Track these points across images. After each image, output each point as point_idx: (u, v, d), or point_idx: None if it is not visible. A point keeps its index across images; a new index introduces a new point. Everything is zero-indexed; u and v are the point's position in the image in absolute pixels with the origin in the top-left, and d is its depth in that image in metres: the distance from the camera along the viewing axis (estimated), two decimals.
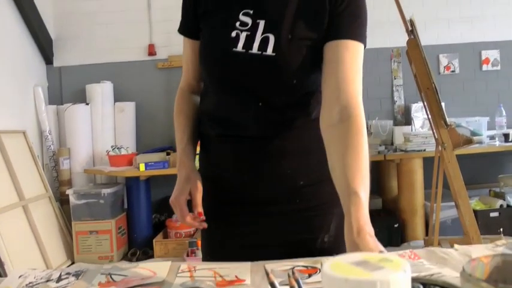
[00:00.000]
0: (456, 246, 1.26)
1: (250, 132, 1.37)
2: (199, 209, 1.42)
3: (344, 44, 1.28)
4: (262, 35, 1.31)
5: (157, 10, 5.27)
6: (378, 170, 4.82)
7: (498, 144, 4.49)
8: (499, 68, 5.27)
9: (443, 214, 4.27)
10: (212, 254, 1.51)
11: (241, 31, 1.31)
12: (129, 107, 5.15)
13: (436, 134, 3.60)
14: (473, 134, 4.46)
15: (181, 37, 1.51)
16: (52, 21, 5.30)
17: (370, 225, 1.06)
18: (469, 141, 3.42)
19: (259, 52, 1.30)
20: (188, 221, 1.42)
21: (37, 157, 4.65)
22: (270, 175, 1.39)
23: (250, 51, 1.30)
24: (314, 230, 1.42)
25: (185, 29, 1.48)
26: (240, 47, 1.31)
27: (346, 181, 1.12)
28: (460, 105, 5.18)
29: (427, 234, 4.31)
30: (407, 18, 3.70)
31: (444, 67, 5.24)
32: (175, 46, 5.10)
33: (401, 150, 4.49)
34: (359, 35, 1.30)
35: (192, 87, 1.54)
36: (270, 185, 1.40)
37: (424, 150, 4.36)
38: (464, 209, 3.51)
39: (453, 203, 3.89)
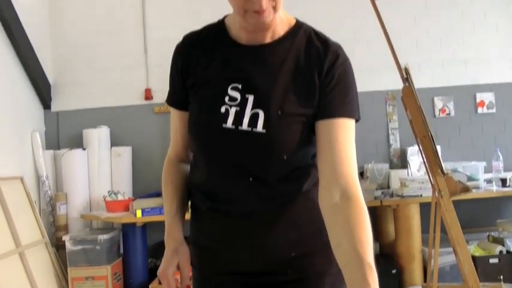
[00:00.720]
0: None
1: (241, 207, 1.38)
2: (188, 282, 1.43)
3: (337, 122, 1.30)
4: (251, 110, 1.31)
5: (153, 54, 5.31)
6: (374, 214, 4.79)
7: (495, 189, 4.48)
8: (494, 110, 5.29)
9: (441, 260, 4.24)
10: None
11: (231, 106, 1.32)
12: (126, 152, 5.15)
13: (432, 181, 3.60)
14: (470, 179, 4.46)
15: None
16: (50, 66, 5.34)
17: None
18: (466, 189, 3.42)
19: (249, 129, 1.30)
20: None
21: (34, 202, 4.64)
22: (261, 247, 1.39)
23: (240, 127, 1.31)
24: None
25: (173, 100, 1.49)
26: (229, 123, 1.31)
27: (358, 255, 1.15)
28: (456, 149, 5.19)
29: (425, 280, 4.27)
30: (402, 65, 3.73)
31: (439, 110, 5.27)
32: None
33: (398, 196, 4.49)
34: (351, 111, 1.32)
35: (180, 157, 1.56)
36: (261, 256, 1.40)
37: (421, 195, 4.35)
38: (463, 256, 3.49)
39: (451, 249, 3.87)
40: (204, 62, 1.39)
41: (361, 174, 4.84)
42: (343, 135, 1.29)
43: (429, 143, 3.46)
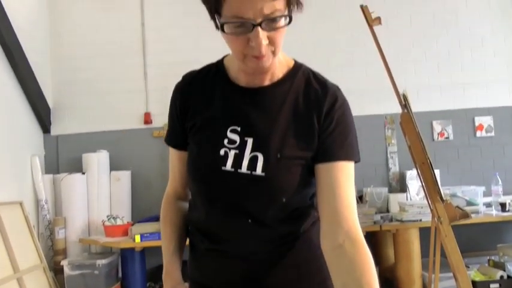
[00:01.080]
0: None
1: (240, 248, 1.38)
2: None
3: (337, 166, 1.30)
4: (250, 153, 1.31)
5: (153, 79, 5.35)
6: (373, 238, 4.78)
7: (495, 214, 4.48)
8: (493, 134, 5.32)
9: (441, 285, 4.21)
10: None
11: (230, 149, 1.32)
12: (125, 176, 5.15)
13: (431, 207, 3.60)
14: (469, 203, 4.46)
15: None
16: (51, 91, 5.37)
17: None
18: (465, 216, 3.41)
19: (249, 172, 1.31)
20: None
21: (33, 227, 4.62)
22: (260, 287, 1.39)
23: (239, 170, 1.31)
24: None
25: (172, 140, 1.50)
26: (229, 165, 1.32)
27: None
28: (455, 173, 5.20)
29: None
30: (401, 90, 3.75)
31: (438, 134, 5.29)
32: None
33: (397, 220, 4.48)
34: (351, 154, 1.32)
35: (178, 194, 1.57)
36: None
37: (420, 220, 4.34)
38: (463, 283, 3.47)
39: (452, 273, 3.85)
40: (203, 104, 1.39)
41: (360, 198, 4.84)
42: (344, 179, 1.30)
43: (428, 170, 3.47)
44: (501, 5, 5.44)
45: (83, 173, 5.05)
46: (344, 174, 1.30)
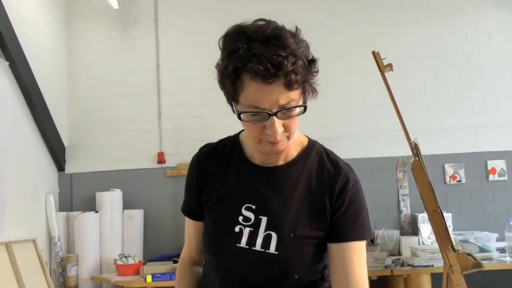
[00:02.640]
0: None
1: None
2: None
3: (349, 246, 1.34)
4: (264, 232, 1.35)
5: (167, 119, 5.42)
6: (385, 282, 4.74)
7: (509, 261, 4.41)
8: (506, 178, 5.27)
9: None
10: None
11: (245, 227, 1.36)
12: (138, 215, 5.19)
13: (443, 256, 3.59)
14: (482, 250, 4.42)
15: (190, 146, 1.56)
16: (66, 130, 5.45)
17: None
18: (477, 266, 3.39)
19: (262, 250, 1.34)
20: None
21: (45, 264, 4.65)
22: None
23: (253, 248, 1.35)
24: None
25: (188, 211, 1.54)
26: (243, 243, 1.35)
27: None
28: (468, 217, 5.16)
29: None
30: (412, 138, 3.76)
31: (450, 177, 5.26)
32: (185, 154, 5.21)
33: (409, 265, 4.45)
34: (363, 233, 1.37)
35: (193, 260, 1.61)
36: None
37: (432, 265, 4.31)
38: None
39: None
40: (219, 180, 1.44)
41: (372, 241, 4.82)
42: (357, 258, 1.34)
43: (439, 218, 3.47)
44: None
45: (96, 212, 5.09)
46: (356, 254, 1.34)
